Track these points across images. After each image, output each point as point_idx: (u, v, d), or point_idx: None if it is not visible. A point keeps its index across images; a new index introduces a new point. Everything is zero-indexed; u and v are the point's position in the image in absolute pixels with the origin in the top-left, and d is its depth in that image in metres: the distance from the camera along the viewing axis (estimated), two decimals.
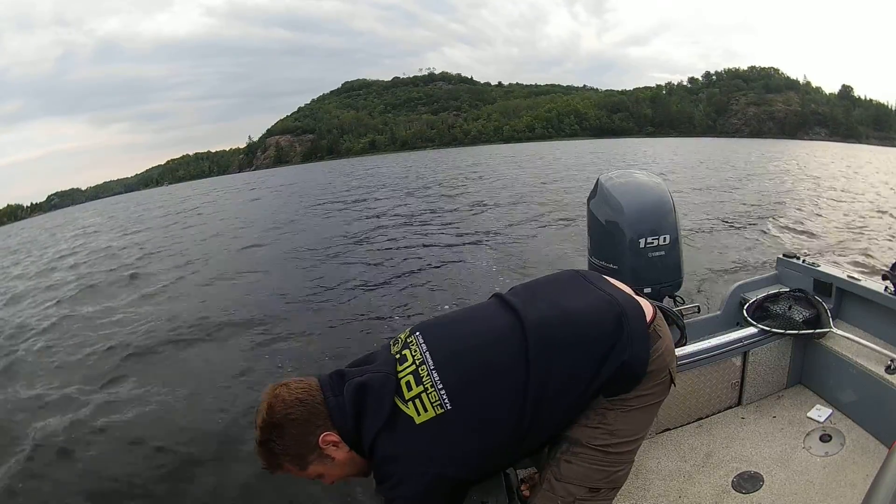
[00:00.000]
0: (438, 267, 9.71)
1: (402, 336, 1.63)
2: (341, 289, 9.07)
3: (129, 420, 5.13)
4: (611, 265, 2.75)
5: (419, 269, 9.76)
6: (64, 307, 10.32)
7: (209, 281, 10.73)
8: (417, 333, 1.58)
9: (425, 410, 1.43)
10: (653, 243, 2.67)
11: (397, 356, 1.55)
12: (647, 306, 1.59)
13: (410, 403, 1.44)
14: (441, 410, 1.42)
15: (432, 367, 1.47)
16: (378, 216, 17.68)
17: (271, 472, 1.54)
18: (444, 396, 1.42)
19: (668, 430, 2.62)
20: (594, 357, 1.46)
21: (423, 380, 1.45)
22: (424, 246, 11.96)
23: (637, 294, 1.66)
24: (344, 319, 7.36)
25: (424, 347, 1.52)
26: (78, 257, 17.90)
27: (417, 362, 1.49)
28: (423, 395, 1.44)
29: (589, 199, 2.91)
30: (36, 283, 13.66)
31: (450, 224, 14.67)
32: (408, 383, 1.47)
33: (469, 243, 11.61)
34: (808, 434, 2.43)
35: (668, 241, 2.69)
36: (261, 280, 10.37)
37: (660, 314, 1.64)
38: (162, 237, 19.78)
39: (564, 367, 1.45)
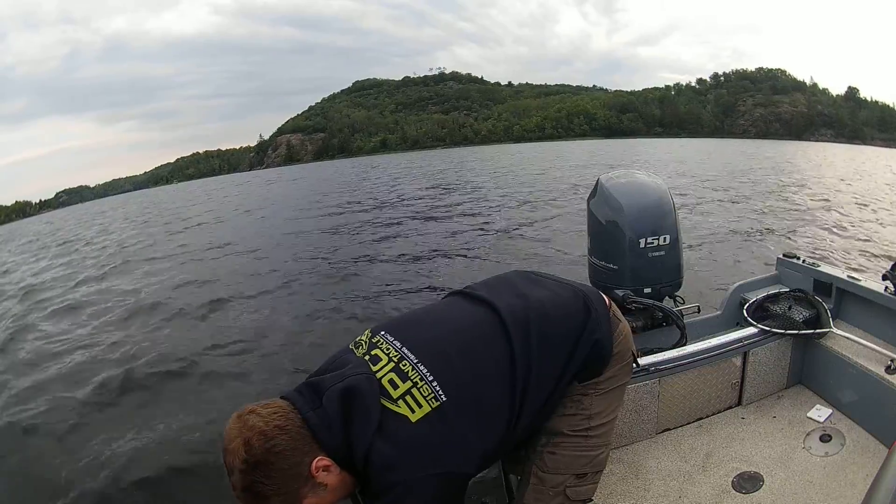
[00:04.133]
0: (425, 268, 9.72)
1: (363, 338, 1.54)
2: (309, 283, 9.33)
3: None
4: (611, 265, 2.75)
5: (403, 265, 9.90)
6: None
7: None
8: (383, 332, 1.52)
9: (419, 406, 1.34)
10: (653, 243, 2.67)
11: (366, 357, 1.45)
12: (602, 295, 1.67)
13: (401, 402, 1.35)
14: (437, 403, 1.35)
15: (416, 361, 1.41)
16: (376, 213, 17.91)
17: None
18: (437, 388, 1.37)
19: (668, 430, 2.62)
20: (569, 337, 1.51)
21: (410, 375, 1.38)
22: (414, 242, 12.14)
23: None
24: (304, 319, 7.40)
25: (398, 344, 1.46)
26: None
27: (395, 359, 1.42)
28: (414, 391, 1.36)
29: (589, 199, 2.91)
30: None
31: (444, 221, 14.85)
32: (391, 381, 1.38)
33: (463, 242, 11.72)
34: (808, 434, 2.42)
35: (668, 241, 2.69)
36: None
37: (614, 302, 1.72)
38: None
39: (544, 348, 1.47)
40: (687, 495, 2.22)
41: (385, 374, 1.40)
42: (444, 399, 1.36)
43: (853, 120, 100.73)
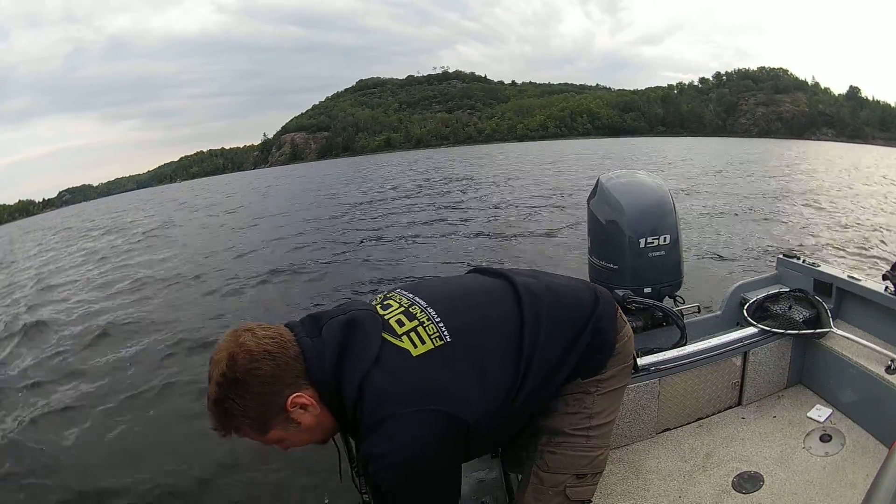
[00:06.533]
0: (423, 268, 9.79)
1: (381, 296, 1.55)
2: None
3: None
4: (611, 265, 2.75)
5: (404, 264, 10.02)
6: None
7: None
8: (398, 289, 1.53)
9: (423, 343, 1.33)
10: (653, 243, 2.67)
11: (378, 306, 1.46)
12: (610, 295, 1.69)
13: (405, 337, 1.34)
14: (440, 342, 1.34)
15: (425, 306, 1.41)
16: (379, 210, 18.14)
17: (222, 434, 1.32)
18: (444, 329, 1.36)
19: (668, 430, 2.61)
20: (577, 320, 1.52)
21: (418, 315, 1.39)
22: (418, 239, 12.33)
23: None
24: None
25: (411, 296, 1.47)
26: None
27: (406, 305, 1.43)
28: (420, 329, 1.36)
29: (589, 199, 2.91)
30: None
31: (446, 219, 15.00)
32: (398, 321, 1.38)
33: (465, 240, 11.83)
34: (808, 434, 2.42)
35: (668, 241, 2.69)
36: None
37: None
38: None
39: (553, 322, 1.47)
40: (687, 495, 2.21)
41: (393, 316, 1.40)
42: (449, 340, 1.35)
43: (854, 119, 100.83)
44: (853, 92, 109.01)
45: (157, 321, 7.99)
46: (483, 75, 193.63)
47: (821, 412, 2.52)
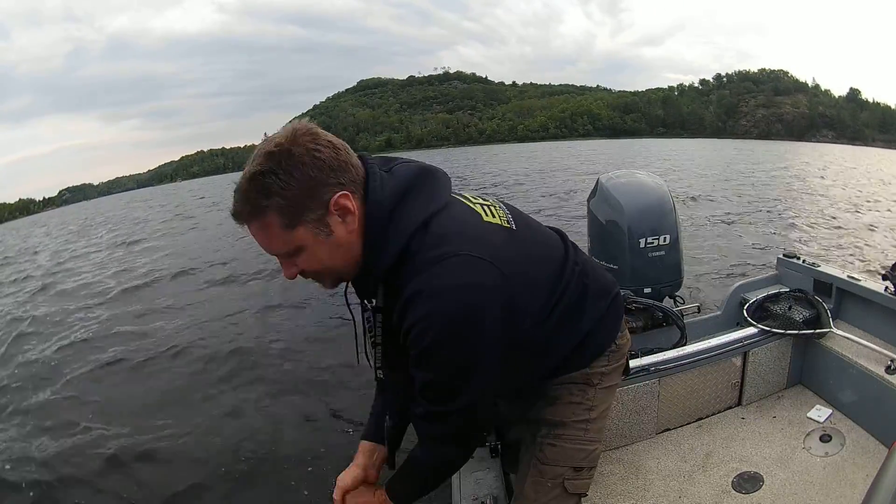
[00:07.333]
0: None
1: None
2: None
3: None
4: (611, 265, 2.76)
5: None
6: None
7: None
8: None
9: (493, 217, 1.35)
10: (653, 243, 2.68)
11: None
12: None
13: (477, 205, 1.36)
14: (508, 226, 1.36)
15: (496, 200, 1.46)
16: None
17: (241, 220, 1.16)
18: (510, 218, 1.39)
19: (668, 430, 2.61)
20: (600, 286, 1.56)
21: (489, 201, 1.42)
22: None
23: None
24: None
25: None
26: None
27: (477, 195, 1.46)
28: (492, 207, 1.39)
29: (589, 199, 2.92)
30: None
31: None
32: (472, 196, 1.41)
33: None
34: (808, 434, 2.41)
35: (668, 241, 2.70)
36: None
37: None
38: None
39: (583, 276, 1.50)
40: (687, 495, 2.21)
41: (466, 192, 1.43)
42: (514, 229, 1.37)
43: (854, 121, 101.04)
44: (853, 94, 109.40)
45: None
46: (484, 76, 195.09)
47: (821, 412, 2.52)
